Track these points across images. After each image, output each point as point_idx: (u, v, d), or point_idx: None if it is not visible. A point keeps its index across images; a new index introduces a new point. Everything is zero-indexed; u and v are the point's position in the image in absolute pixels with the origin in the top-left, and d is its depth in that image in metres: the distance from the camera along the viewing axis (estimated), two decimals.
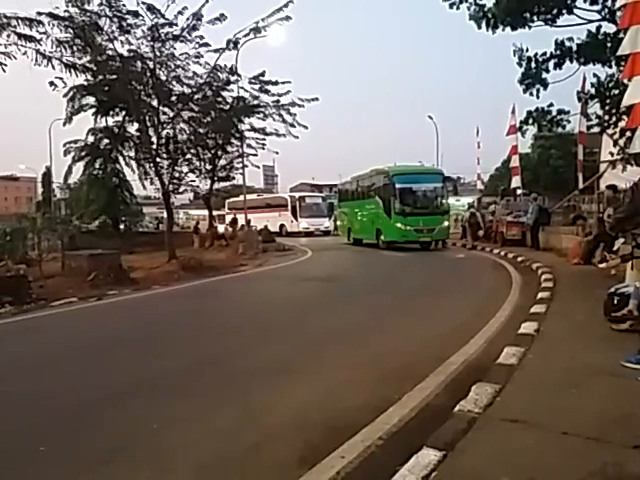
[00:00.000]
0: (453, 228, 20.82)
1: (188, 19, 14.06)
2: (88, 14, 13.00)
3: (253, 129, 20.34)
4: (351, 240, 21.87)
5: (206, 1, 13.98)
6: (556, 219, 16.19)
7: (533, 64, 10.98)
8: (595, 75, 11.42)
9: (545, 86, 11.05)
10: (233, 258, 16.91)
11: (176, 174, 18.50)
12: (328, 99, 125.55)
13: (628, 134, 9.98)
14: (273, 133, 20.24)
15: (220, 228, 27.57)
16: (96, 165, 24.41)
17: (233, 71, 16.75)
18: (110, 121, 20.99)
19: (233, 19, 14.84)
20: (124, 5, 13.23)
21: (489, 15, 10.37)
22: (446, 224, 18.07)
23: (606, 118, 11.88)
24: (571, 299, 6.98)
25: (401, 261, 15.02)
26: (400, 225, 17.11)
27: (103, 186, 24.48)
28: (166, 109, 16.43)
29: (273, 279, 12.38)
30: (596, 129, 13.40)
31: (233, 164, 23.13)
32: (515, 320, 5.92)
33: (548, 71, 10.96)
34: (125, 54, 14.35)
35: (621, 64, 9.08)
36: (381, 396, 3.74)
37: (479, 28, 10.55)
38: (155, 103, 15.81)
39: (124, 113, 18.64)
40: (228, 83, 17.19)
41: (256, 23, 15.02)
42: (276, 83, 18.22)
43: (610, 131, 12.22)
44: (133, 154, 21.05)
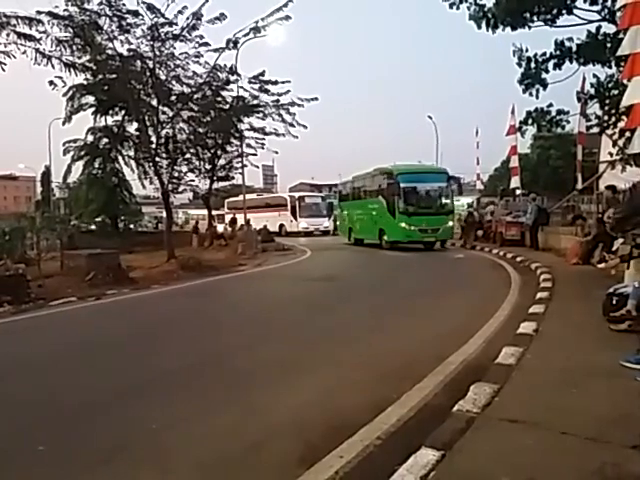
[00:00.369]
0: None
1: (188, 18, 14.06)
2: (88, 13, 13.00)
3: (252, 129, 20.36)
4: (352, 240, 21.66)
5: (206, 0, 13.99)
6: (555, 219, 16.21)
7: (533, 64, 10.98)
8: (595, 75, 11.42)
9: (545, 86, 11.05)
10: (232, 258, 16.90)
11: (175, 174, 18.55)
12: (327, 99, 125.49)
13: (627, 134, 9.98)
14: (272, 133, 20.26)
15: (219, 228, 27.58)
16: (95, 164, 24.37)
17: (233, 71, 16.74)
18: (109, 120, 21.06)
19: (233, 19, 14.86)
20: (124, 4, 13.25)
21: (489, 15, 10.36)
22: (451, 224, 17.96)
23: (605, 118, 11.88)
24: (570, 299, 6.99)
25: (401, 261, 15.03)
26: (404, 225, 16.97)
27: (102, 185, 24.43)
28: (166, 108, 16.44)
29: (272, 279, 12.38)
30: (595, 129, 13.40)
31: (232, 164, 23.16)
32: (514, 320, 5.93)
33: (548, 71, 10.96)
34: (125, 53, 14.36)
35: (621, 64, 9.08)
36: (380, 396, 3.75)
37: (479, 28, 10.54)
38: (155, 102, 15.81)
39: (123, 112, 18.66)
40: (228, 83, 17.19)
41: (256, 23, 15.03)
42: (276, 83, 18.22)
43: (609, 131, 12.23)
44: (132, 153, 21.10)
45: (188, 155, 19.56)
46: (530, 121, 12.05)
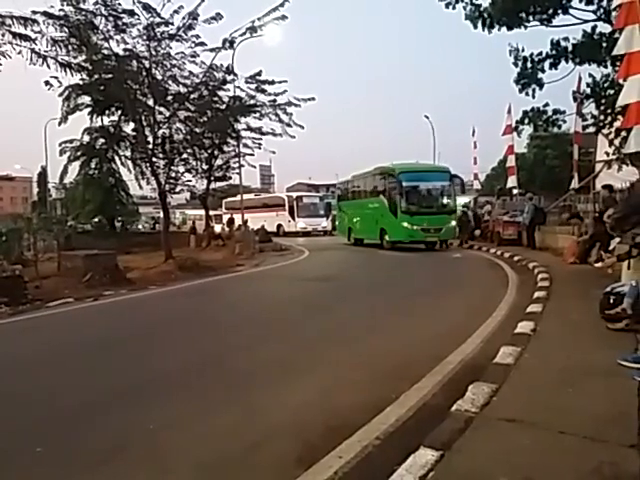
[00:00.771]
0: None
1: (184, 18, 14.01)
2: (83, 13, 12.92)
3: (249, 129, 20.29)
4: (351, 240, 21.40)
5: (202, 0, 13.98)
6: (552, 219, 16.26)
7: (529, 64, 11.02)
8: (590, 75, 11.49)
9: (541, 86, 11.09)
10: (230, 258, 16.89)
11: (172, 174, 18.45)
12: (325, 98, 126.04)
13: (623, 134, 10.05)
14: (270, 133, 20.21)
15: (217, 228, 27.54)
16: (92, 165, 24.31)
17: (229, 70, 16.70)
18: (106, 120, 20.88)
19: (229, 18, 14.82)
20: (119, 4, 13.16)
21: (485, 15, 10.40)
22: (453, 223, 17.62)
23: (601, 118, 11.94)
24: (567, 298, 7.00)
25: (399, 261, 15.04)
26: (406, 224, 16.69)
27: (99, 186, 24.39)
28: (162, 109, 16.36)
29: (270, 279, 12.37)
30: (592, 129, 13.46)
31: (230, 164, 23.06)
32: (511, 319, 5.95)
33: (544, 71, 11.01)
34: (121, 53, 14.29)
35: (616, 64, 9.11)
36: (379, 396, 3.75)
37: (475, 28, 10.57)
38: (151, 102, 15.75)
39: (120, 112, 18.55)
40: (224, 82, 17.14)
41: (252, 22, 15.02)
42: (272, 82, 18.18)
43: (605, 131, 12.31)
44: (129, 154, 20.96)
45: (185, 155, 19.47)
46: (526, 121, 12.11)
